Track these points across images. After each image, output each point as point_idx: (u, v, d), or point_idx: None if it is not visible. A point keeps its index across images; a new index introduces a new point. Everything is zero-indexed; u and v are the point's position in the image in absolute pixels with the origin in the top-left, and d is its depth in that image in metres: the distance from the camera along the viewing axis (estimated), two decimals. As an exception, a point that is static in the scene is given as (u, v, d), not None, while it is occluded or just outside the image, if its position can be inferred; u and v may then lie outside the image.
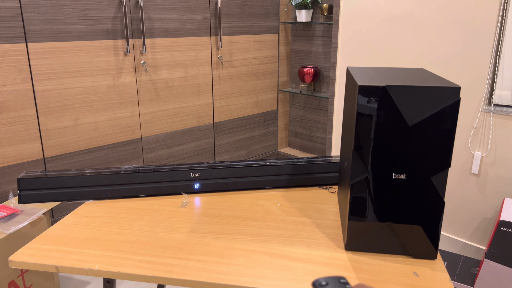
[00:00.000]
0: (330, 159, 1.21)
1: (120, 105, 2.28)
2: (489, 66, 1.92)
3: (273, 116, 3.17)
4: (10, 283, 1.53)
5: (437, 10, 2.04)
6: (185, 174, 1.13)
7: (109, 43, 2.16)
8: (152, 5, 2.28)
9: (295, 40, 3.08)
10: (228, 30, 2.68)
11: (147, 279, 0.79)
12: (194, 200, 1.11)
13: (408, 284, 0.76)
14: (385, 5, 2.23)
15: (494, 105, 1.94)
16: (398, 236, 0.84)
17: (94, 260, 0.83)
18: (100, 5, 2.09)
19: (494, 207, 1.99)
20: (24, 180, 1.08)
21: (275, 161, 1.20)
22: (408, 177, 0.81)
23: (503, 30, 1.87)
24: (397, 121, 0.78)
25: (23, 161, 1.99)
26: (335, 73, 2.56)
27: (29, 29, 1.89)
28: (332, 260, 0.84)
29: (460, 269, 1.76)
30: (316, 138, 3.15)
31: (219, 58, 2.67)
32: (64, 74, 2.04)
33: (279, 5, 2.94)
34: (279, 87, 3.13)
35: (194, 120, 2.65)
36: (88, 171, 1.12)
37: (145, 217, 1.01)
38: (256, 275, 0.78)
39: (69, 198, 1.09)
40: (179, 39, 2.44)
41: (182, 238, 0.92)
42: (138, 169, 1.13)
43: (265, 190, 1.17)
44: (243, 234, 0.93)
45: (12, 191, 1.98)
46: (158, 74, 2.39)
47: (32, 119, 1.98)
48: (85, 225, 0.98)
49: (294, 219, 1.01)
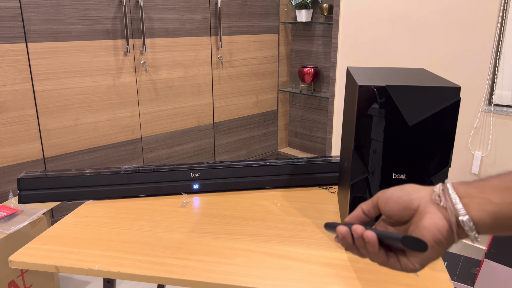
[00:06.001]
0: (330, 159, 1.21)
1: (120, 105, 2.28)
2: (489, 66, 1.92)
3: (273, 116, 3.17)
4: (10, 283, 1.53)
5: (437, 10, 2.04)
6: (185, 174, 1.13)
7: (109, 43, 2.16)
8: (152, 5, 2.28)
9: (295, 40, 3.08)
10: (228, 30, 2.68)
11: (147, 279, 0.79)
12: (194, 200, 1.11)
13: (408, 284, 0.76)
14: (385, 5, 2.23)
15: (494, 105, 1.94)
16: (398, 236, 0.84)
17: (94, 260, 0.83)
18: (100, 5, 2.09)
19: (494, 207, 1.99)
20: (24, 180, 1.08)
21: (275, 161, 1.19)
22: (408, 177, 0.81)
23: (503, 30, 1.87)
24: (397, 121, 0.78)
25: (23, 161, 1.99)
26: (335, 73, 2.56)
27: (29, 29, 1.89)
28: (332, 260, 0.84)
29: (460, 269, 1.76)
30: (316, 138, 3.15)
31: (219, 58, 2.67)
32: (64, 74, 2.04)
33: (279, 5, 2.94)
34: (279, 87, 3.13)
35: (194, 120, 2.65)
36: (88, 171, 1.12)
37: (145, 217, 1.01)
38: (256, 275, 0.78)
39: (69, 198, 1.09)
40: (179, 39, 2.44)
41: (182, 238, 0.91)
42: (138, 169, 1.13)
43: (265, 190, 1.17)
44: (243, 234, 0.93)
45: (12, 191, 1.98)
46: (158, 74, 2.39)
47: (32, 119, 1.98)
48: (85, 225, 0.98)
49: (294, 219, 1.01)
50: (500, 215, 0.42)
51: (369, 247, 0.47)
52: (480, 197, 0.43)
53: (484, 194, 0.43)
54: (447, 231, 0.44)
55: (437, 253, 0.45)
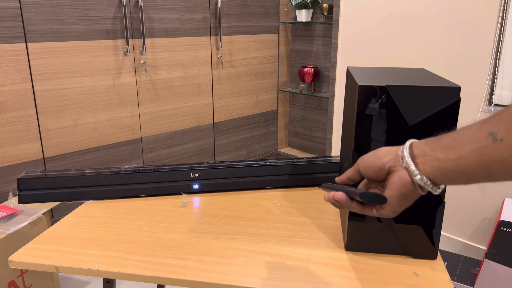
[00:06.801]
0: (330, 159, 1.21)
1: (120, 105, 2.27)
2: (489, 66, 1.92)
3: (273, 116, 3.17)
4: (10, 283, 1.53)
5: (437, 10, 2.04)
6: (185, 174, 1.13)
7: (109, 43, 2.16)
8: (152, 5, 2.28)
9: (295, 40, 3.08)
10: (228, 30, 2.68)
11: (147, 279, 0.79)
12: (194, 200, 1.11)
13: (408, 284, 0.76)
14: (385, 5, 2.23)
15: (494, 105, 1.94)
16: (398, 236, 0.84)
17: (94, 260, 0.83)
18: (100, 5, 2.09)
19: (494, 207, 1.99)
20: (24, 180, 1.08)
21: (275, 161, 1.19)
22: (408, 177, 0.81)
23: (503, 30, 1.87)
24: (397, 121, 0.78)
25: (23, 161, 1.99)
26: (335, 73, 2.56)
27: (29, 29, 1.89)
28: (332, 260, 0.84)
29: (460, 269, 1.76)
30: (316, 138, 3.14)
31: (219, 58, 2.67)
32: (64, 74, 2.04)
33: (279, 5, 2.94)
34: (279, 87, 3.13)
35: (194, 120, 2.65)
36: (88, 171, 1.12)
37: (145, 217, 1.01)
38: (256, 275, 0.78)
39: (69, 198, 1.09)
40: (179, 39, 2.44)
41: (182, 238, 0.91)
42: (138, 169, 1.13)
43: (265, 190, 1.17)
44: (243, 234, 0.93)
45: (12, 191, 1.98)
46: (158, 74, 2.39)
47: (32, 119, 1.98)
48: (85, 225, 0.98)
49: (294, 219, 1.01)
50: (444, 170, 0.49)
51: (342, 203, 0.61)
52: (431, 155, 0.51)
53: (434, 152, 0.50)
54: (411, 185, 0.53)
55: (406, 202, 0.55)
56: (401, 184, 0.54)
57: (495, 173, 0.45)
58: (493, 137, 0.44)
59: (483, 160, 0.45)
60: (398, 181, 0.54)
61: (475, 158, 0.45)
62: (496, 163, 0.44)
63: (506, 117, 0.43)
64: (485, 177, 0.46)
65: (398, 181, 0.54)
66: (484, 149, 0.44)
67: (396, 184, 0.54)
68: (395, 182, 0.54)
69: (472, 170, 0.46)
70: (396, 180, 0.54)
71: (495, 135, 0.44)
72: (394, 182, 0.55)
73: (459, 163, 0.47)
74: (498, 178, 0.45)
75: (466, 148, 0.46)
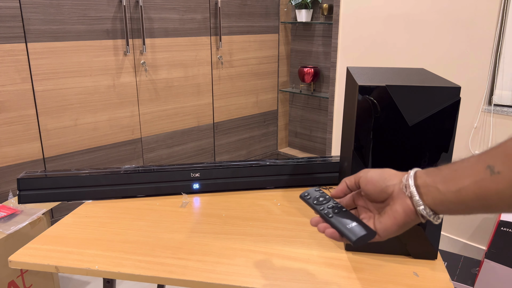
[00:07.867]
0: (330, 159, 1.21)
1: (120, 105, 2.27)
2: (489, 66, 1.92)
3: (273, 116, 3.17)
4: (10, 283, 1.53)
5: (438, 10, 2.04)
6: (185, 174, 1.13)
7: (109, 43, 2.16)
8: (152, 5, 2.28)
9: (295, 40, 3.08)
10: (228, 30, 2.68)
11: (147, 279, 0.79)
12: (194, 200, 1.11)
13: (408, 284, 0.76)
14: (385, 5, 2.23)
15: (494, 105, 1.94)
16: (398, 236, 0.84)
17: (93, 260, 0.83)
18: (100, 5, 2.09)
19: (494, 207, 1.99)
20: (24, 180, 1.08)
21: (275, 161, 1.19)
22: (408, 177, 0.81)
23: (503, 30, 1.87)
24: (397, 121, 0.78)
25: (23, 161, 1.99)
26: (335, 73, 2.56)
27: (28, 29, 1.89)
28: (332, 260, 0.84)
29: (460, 269, 1.76)
30: (316, 138, 3.14)
31: (219, 58, 2.67)
32: (63, 74, 2.04)
33: (279, 5, 2.94)
34: (279, 87, 3.13)
35: (194, 120, 2.65)
36: (88, 171, 1.12)
37: (145, 217, 1.01)
38: (256, 275, 0.78)
39: (69, 198, 1.09)
40: (179, 39, 2.44)
41: (182, 238, 0.91)
42: (138, 169, 1.13)
43: (265, 190, 1.17)
44: (243, 234, 0.93)
45: (12, 191, 1.98)
46: (158, 74, 2.39)
47: (32, 119, 1.98)
48: (84, 225, 0.98)
49: (294, 219, 1.00)
50: (445, 201, 0.50)
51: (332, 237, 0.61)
52: (432, 186, 0.52)
53: (435, 184, 0.52)
54: (414, 214, 0.54)
55: (403, 229, 0.56)
56: (404, 213, 0.54)
57: (493, 204, 0.46)
58: (491, 170, 0.46)
59: (481, 192, 0.47)
60: (401, 210, 0.55)
61: (474, 190, 0.47)
62: (493, 194, 0.46)
63: (502, 151, 0.45)
64: (484, 209, 0.48)
65: (401, 210, 0.55)
66: (483, 182, 0.46)
67: (399, 213, 0.55)
68: (398, 210, 0.55)
69: (471, 202, 0.48)
70: (399, 208, 0.55)
71: (493, 168, 0.46)
72: (397, 211, 0.55)
73: (459, 195, 0.49)
74: (496, 209, 0.47)
75: (466, 181, 0.48)
